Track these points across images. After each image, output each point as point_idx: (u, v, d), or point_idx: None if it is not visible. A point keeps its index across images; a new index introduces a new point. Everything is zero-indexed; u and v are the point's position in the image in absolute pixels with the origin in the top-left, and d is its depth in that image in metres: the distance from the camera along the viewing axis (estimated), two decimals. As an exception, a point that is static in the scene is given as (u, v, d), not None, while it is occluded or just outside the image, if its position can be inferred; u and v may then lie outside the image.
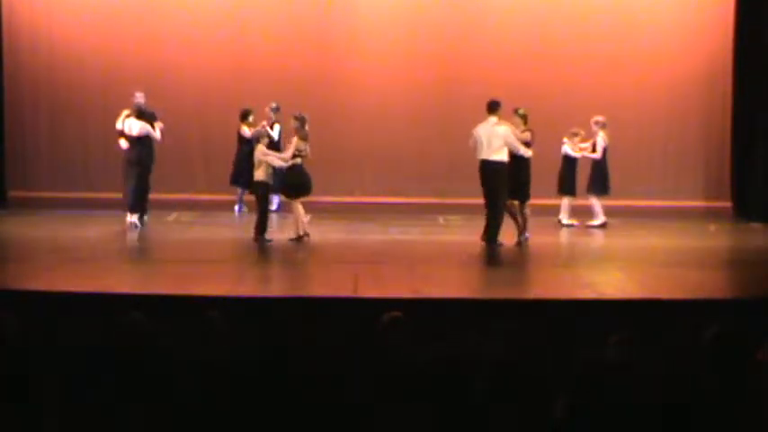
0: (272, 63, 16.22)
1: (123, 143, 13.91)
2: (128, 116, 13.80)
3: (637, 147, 16.20)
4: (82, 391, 4.84)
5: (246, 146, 14.98)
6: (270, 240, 12.29)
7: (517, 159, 12.31)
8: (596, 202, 14.39)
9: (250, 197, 15.34)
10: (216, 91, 16.12)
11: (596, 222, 14.30)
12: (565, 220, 14.36)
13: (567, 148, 14.39)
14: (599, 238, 13.69)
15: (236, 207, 15.50)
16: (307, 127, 12.48)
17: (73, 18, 16.33)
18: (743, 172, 15.94)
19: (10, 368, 4.89)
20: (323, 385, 4.79)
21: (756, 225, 14.79)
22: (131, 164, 13.67)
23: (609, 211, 14.68)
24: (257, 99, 15.67)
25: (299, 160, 12.31)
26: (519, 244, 12.30)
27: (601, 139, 14.42)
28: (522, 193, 12.47)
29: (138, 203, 13.69)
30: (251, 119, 15.27)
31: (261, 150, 12.39)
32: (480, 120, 12.32)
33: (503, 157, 12.09)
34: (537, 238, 12.71)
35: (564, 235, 13.95)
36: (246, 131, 15.12)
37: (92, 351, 5.17)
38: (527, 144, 12.57)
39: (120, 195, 14.06)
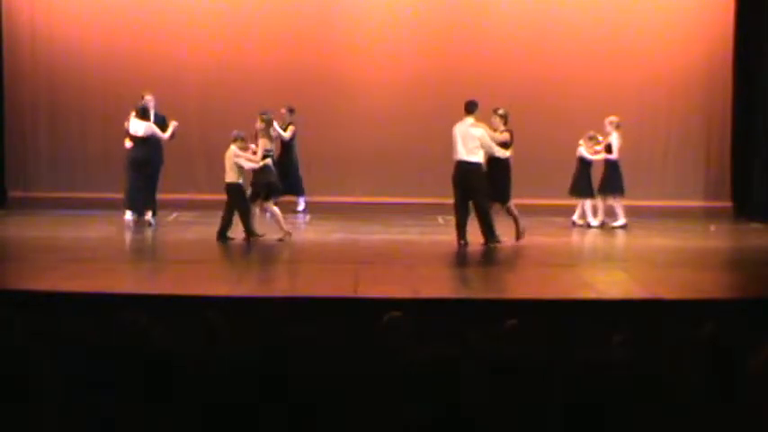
0: (273, 63, 16.23)
1: (128, 143, 13.88)
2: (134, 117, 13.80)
3: (637, 147, 16.19)
4: (81, 391, 4.84)
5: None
6: (232, 238, 12.26)
7: (495, 161, 12.30)
8: (616, 203, 14.36)
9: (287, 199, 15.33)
10: (216, 91, 16.12)
11: (618, 223, 14.27)
12: (594, 222, 14.30)
13: (583, 151, 14.36)
14: (599, 239, 13.69)
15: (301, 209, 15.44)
16: (270, 129, 12.52)
17: (73, 18, 16.33)
18: (743, 172, 15.95)
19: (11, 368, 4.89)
20: (323, 385, 4.79)
21: (756, 225, 14.79)
22: (139, 164, 13.59)
23: (609, 211, 14.68)
24: (257, 99, 15.66)
25: (268, 161, 12.34)
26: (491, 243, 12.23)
27: (615, 139, 14.38)
28: (501, 194, 12.43)
29: (150, 202, 13.65)
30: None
31: (233, 152, 12.36)
32: (478, 119, 12.32)
33: (478, 158, 12.08)
34: (537, 238, 12.72)
35: (564, 235, 13.93)
36: (282, 133, 15.07)
37: (91, 351, 5.17)
38: (505, 145, 12.53)
39: (120, 195, 14.08)
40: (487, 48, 16.25)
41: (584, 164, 14.41)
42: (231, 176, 12.38)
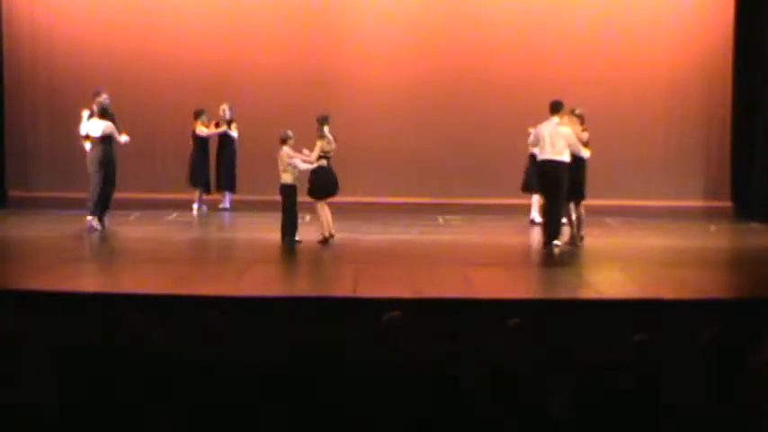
0: (273, 63, 16.23)
1: (88, 145, 13.35)
2: (90, 117, 13.30)
3: (637, 146, 16.20)
4: (81, 391, 4.84)
5: (201, 145, 15.31)
6: (299, 241, 12.20)
7: (575, 160, 12.36)
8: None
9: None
10: (216, 91, 16.10)
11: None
12: (538, 219, 14.31)
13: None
14: (599, 239, 13.66)
15: (196, 205, 15.48)
16: (326, 127, 12.37)
17: (73, 18, 16.33)
18: (743, 172, 15.94)
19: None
20: (323, 385, 4.78)
21: (756, 225, 14.78)
22: (97, 164, 13.11)
23: (609, 211, 14.68)
24: (257, 99, 15.71)
25: (324, 162, 12.25)
26: (573, 244, 12.35)
27: None
28: (578, 192, 12.51)
29: (104, 205, 13.26)
30: (204, 118, 15.36)
31: (287, 153, 12.22)
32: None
33: (566, 157, 12.17)
34: (537, 237, 12.71)
35: (563, 235, 13.91)
36: (203, 131, 15.26)
37: (91, 351, 5.17)
38: (585, 144, 12.64)
39: (121, 195, 14.04)
40: (486, 47, 16.24)
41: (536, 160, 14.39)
42: (286, 177, 12.21)
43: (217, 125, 15.49)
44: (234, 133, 15.42)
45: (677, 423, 4.51)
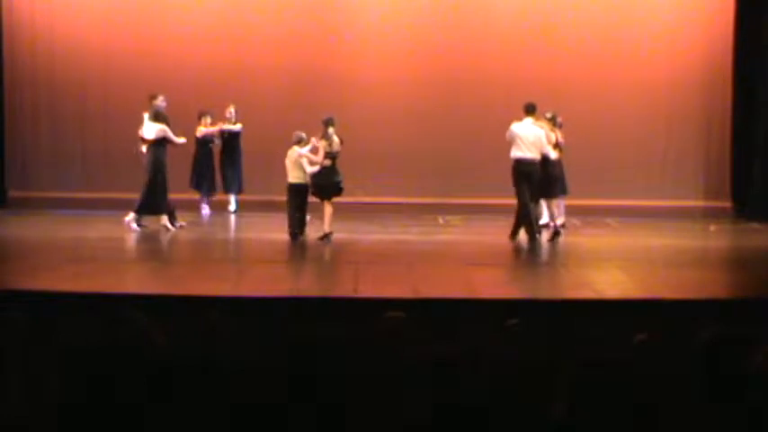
0: (274, 63, 16.24)
1: (144, 148, 13.65)
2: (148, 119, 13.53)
3: (637, 147, 16.21)
4: (81, 392, 4.83)
5: (202, 147, 15.33)
6: (300, 240, 12.31)
7: (544, 159, 12.77)
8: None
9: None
10: (216, 91, 16.12)
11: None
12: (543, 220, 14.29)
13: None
14: (599, 239, 13.69)
15: (205, 208, 15.49)
16: (331, 129, 12.49)
17: (73, 18, 16.34)
18: (743, 172, 15.95)
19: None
20: (322, 385, 4.78)
21: (756, 225, 14.79)
22: (150, 167, 13.34)
23: (609, 211, 14.67)
24: (258, 99, 15.71)
25: (327, 162, 12.39)
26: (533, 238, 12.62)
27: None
28: (546, 190, 12.92)
29: (160, 205, 13.47)
30: (208, 120, 15.33)
31: (297, 152, 12.38)
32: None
33: (537, 155, 12.56)
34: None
35: (563, 235, 13.91)
36: (201, 130, 15.25)
37: (91, 351, 5.17)
38: (555, 145, 13.04)
39: (121, 196, 14.06)
40: (487, 48, 16.26)
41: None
42: (298, 177, 12.44)
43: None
44: (235, 128, 15.37)
45: (676, 423, 4.51)
